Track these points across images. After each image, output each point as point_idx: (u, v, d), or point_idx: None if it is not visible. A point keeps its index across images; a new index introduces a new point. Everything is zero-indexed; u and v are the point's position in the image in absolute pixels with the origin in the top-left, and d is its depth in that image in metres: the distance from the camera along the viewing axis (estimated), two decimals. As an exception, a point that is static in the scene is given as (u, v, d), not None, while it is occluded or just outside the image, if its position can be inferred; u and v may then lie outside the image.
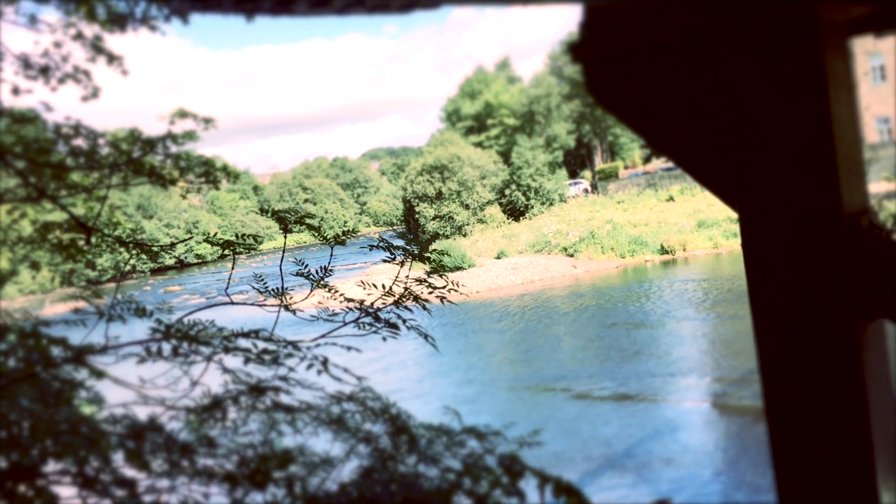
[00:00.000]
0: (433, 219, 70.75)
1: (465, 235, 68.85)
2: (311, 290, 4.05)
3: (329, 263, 4.30)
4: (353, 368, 4.23)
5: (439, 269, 4.24)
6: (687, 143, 3.37)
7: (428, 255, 4.25)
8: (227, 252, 4.06)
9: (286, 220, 4.33)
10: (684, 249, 51.79)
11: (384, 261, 4.28)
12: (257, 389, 3.76)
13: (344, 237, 4.44)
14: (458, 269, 52.72)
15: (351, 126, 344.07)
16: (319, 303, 4.27)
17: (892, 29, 4.05)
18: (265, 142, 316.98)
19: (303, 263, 4.33)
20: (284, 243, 4.60)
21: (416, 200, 71.21)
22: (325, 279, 4.16)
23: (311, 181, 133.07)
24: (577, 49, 3.34)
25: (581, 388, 23.33)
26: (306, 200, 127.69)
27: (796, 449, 2.95)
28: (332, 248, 4.38)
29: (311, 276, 4.15)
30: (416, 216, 71.21)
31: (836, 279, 2.82)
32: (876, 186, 49.16)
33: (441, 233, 69.55)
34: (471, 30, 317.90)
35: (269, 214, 4.50)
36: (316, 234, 4.23)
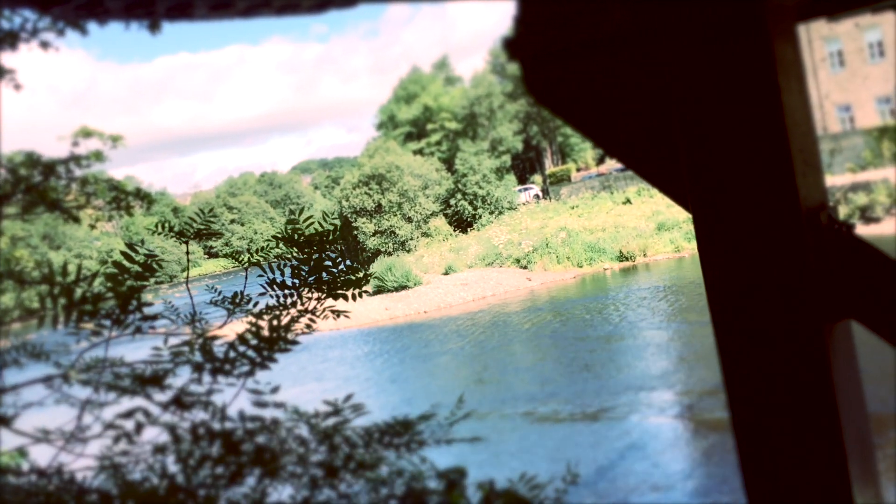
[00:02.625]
0: (373, 234, 70.55)
1: (409, 251, 68.78)
2: (225, 321, 4.00)
3: (245, 288, 4.24)
4: (296, 398, 4.18)
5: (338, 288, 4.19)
6: (634, 143, 3.41)
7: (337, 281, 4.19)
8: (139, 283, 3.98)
9: (185, 237, 4.26)
10: (644, 255, 52.47)
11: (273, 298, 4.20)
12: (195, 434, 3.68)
13: (259, 257, 4.39)
14: (403, 287, 52.66)
15: (279, 138, 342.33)
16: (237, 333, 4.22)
17: (845, 12, 4.16)
18: (185, 159, 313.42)
19: (216, 290, 4.27)
20: (188, 266, 4.53)
21: (354, 215, 70.96)
22: (244, 305, 4.10)
23: (238, 199, 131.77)
24: (512, 45, 3.37)
25: (543, 410, 23.42)
26: (233, 221, 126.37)
27: (766, 459, 2.99)
28: (246, 270, 4.33)
29: (225, 304, 4.09)
30: (355, 232, 70.94)
31: (798, 280, 2.88)
32: (841, 178, 50.46)
33: (383, 249, 69.38)
34: (408, 28, 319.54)
35: (161, 231, 4.40)
36: (223, 253, 4.18)
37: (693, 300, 35.33)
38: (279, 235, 4.22)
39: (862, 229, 45.15)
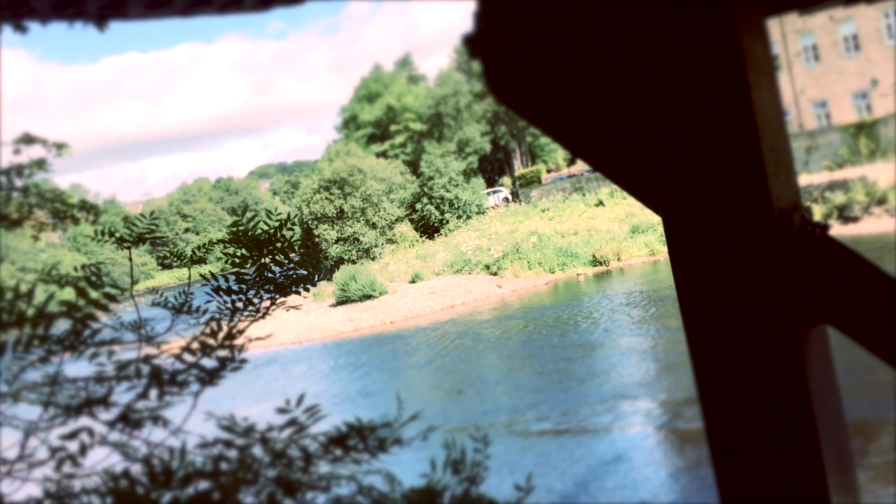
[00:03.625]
0: (336, 242, 70.37)
1: (373, 259, 68.70)
2: (172, 324, 3.96)
3: (189, 288, 4.20)
4: (261, 417, 4.15)
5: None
6: (601, 144, 3.42)
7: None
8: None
9: (127, 242, 4.22)
10: (619, 259, 52.81)
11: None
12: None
13: (202, 254, 4.36)
14: (368, 297, 52.56)
15: (235, 141, 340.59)
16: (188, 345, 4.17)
17: (816, 5, 4.20)
18: (135, 164, 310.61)
19: (161, 294, 4.23)
20: (132, 274, 4.48)
21: (315, 222, 70.74)
22: (195, 314, 4.07)
23: (192, 207, 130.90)
24: (472, 42, 3.36)
25: (521, 422, 23.47)
26: (187, 230, 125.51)
27: (741, 468, 3.01)
28: (189, 269, 4.29)
29: (169, 307, 4.05)
30: (316, 240, 70.70)
31: (771, 284, 2.90)
32: (818, 177, 51.16)
33: (346, 257, 69.22)
34: (369, 24, 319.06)
35: (101, 238, 4.35)
36: (165, 253, 4.14)
37: (670, 305, 35.61)
38: (224, 238, 4.20)
39: (840, 229, 45.76)
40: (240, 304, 4.15)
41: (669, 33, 2.96)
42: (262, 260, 4.19)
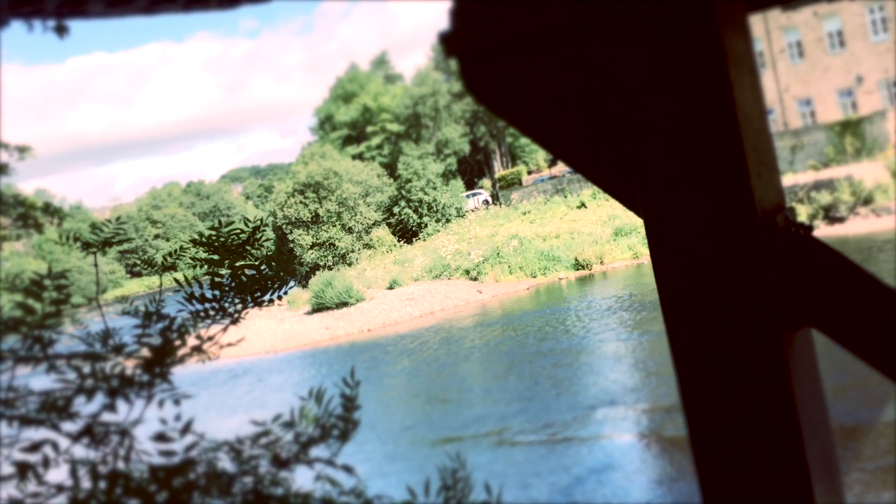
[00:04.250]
0: (311, 247, 70.19)
1: (350, 264, 68.57)
2: (143, 333, 3.93)
3: (160, 295, 4.18)
4: (236, 431, 4.14)
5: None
6: (581, 144, 3.43)
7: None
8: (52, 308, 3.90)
9: (93, 247, 4.19)
10: (602, 262, 52.97)
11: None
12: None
13: (173, 260, 4.34)
14: (344, 304, 52.46)
15: (207, 144, 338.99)
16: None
17: (798, 1, 4.22)
18: (103, 169, 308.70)
19: (131, 302, 4.20)
20: (98, 280, 4.45)
21: (289, 226, 70.53)
22: (162, 315, 4.04)
23: (162, 212, 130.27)
24: (448, 40, 3.37)
25: (501, 433, 23.47)
26: (157, 236, 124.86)
27: (725, 474, 3.03)
28: (160, 276, 4.27)
29: (138, 315, 4.03)
30: (291, 245, 70.50)
31: (755, 287, 2.91)
32: (803, 177, 51.53)
33: (322, 263, 69.06)
34: (344, 22, 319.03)
35: (65, 242, 4.33)
36: (139, 262, 4.12)
37: (655, 309, 35.75)
38: (197, 239, 4.18)
39: (826, 230, 46.11)
40: (212, 312, 4.12)
41: (649, 30, 2.98)
42: (237, 264, 4.17)
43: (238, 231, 4.26)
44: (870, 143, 51.66)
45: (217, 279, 4.23)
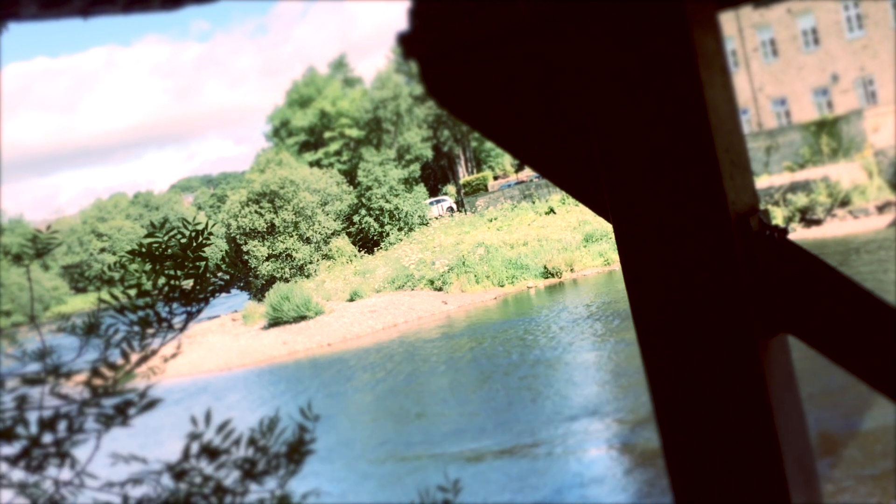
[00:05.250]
0: (267, 259, 69.85)
1: (308, 276, 68.31)
2: (80, 351, 3.90)
3: (99, 311, 4.14)
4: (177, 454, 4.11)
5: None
6: (547, 148, 3.45)
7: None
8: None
9: (25, 259, 4.16)
10: (572, 270, 53.20)
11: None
12: None
13: (115, 272, 4.31)
14: (302, 318, 52.25)
15: (156, 152, 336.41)
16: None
17: (769, -2, 4.27)
18: (45, 179, 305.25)
19: (69, 319, 4.16)
20: (31, 294, 4.41)
21: (244, 238, 70.15)
22: (101, 331, 4.01)
23: (108, 225, 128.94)
24: (407, 41, 3.38)
25: (471, 448, 23.48)
26: (102, 250, 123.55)
27: (700, 486, 3.05)
28: (99, 291, 4.23)
29: (76, 332, 3.99)
30: (245, 257, 70.10)
31: (728, 292, 2.94)
32: (778, 178, 52.14)
33: (278, 275, 68.72)
34: (300, 23, 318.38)
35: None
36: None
37: (628, 318, 35.95)
38: (135, 250, 4.15)
39: (803, 233, 46.65)
40: (154, 325, 4.09)
41: (616, 29, 3.00)
42: (177, 273, 4.14)
43: (178, 235, 4.23)
44: (846, 143, 52.37)
45: (154, 289, 4.19)
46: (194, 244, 4.22)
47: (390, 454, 24.65)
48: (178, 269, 4.13)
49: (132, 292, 4.15)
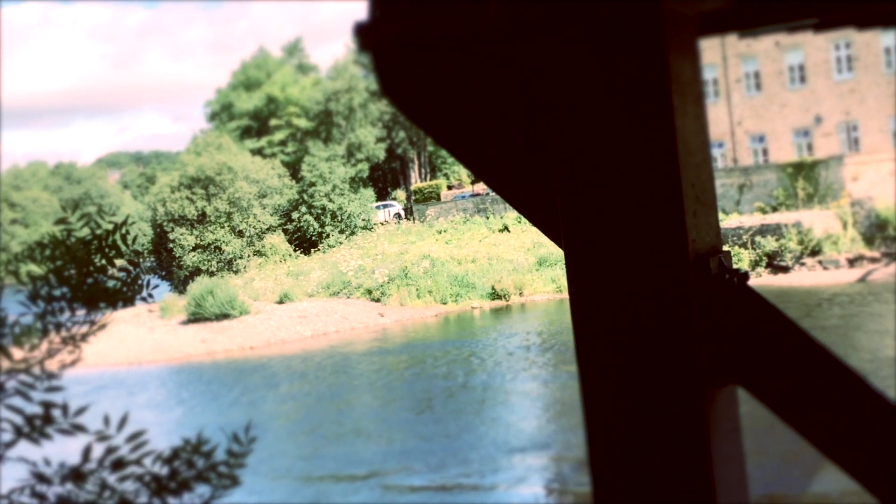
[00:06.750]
0: (193, 249, 69.23)
1: (236, 272, 67.82)
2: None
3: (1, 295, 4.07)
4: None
5: None
6: (504, 163, 3.45)
7: None
8: None
9: None
10: (521, 293, 53.43)
11: None
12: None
13: (22, 259, 4.24)
14: (225, 316, 51.82)
15: (85, 121, 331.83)
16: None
17: (754, 29, 4.34)
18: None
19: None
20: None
21: (171, 224, 69.47)
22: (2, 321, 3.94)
23: (22, 195, 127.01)
24: (364, 32, 3.36)
25: (390, 475, 23.41)
26: (14, 221, 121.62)
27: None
28: (0, 281, 4.17)
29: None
30: (171, 245, 69.42)
31: (680, 336, 2.96)
32: (749, 219, 52.87)
33: (204, 268, 68.14)
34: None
35: None
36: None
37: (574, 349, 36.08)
38: (43, 241, 4.08)
39: (769, 279, 47.31)
40: (62, 315, 4.03)
41: (587, 43, 3.02)
42: (88, 268, 4.08)
43: (93, 224, 4.15)
44: (823, 190, 53.25)
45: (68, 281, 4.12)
46: (110, 239, 4.14)
47: (303, 473, 24.49)
48: (83, 265, 4.06)
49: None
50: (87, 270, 4.09)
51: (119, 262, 4.25)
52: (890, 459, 2.98)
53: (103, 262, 4.11)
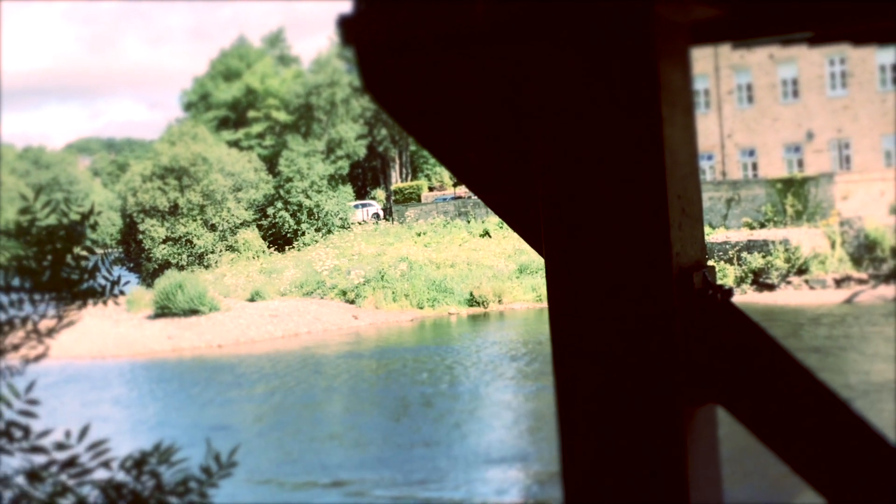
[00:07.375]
0: (164, 241, 68.95)
1: (207, 267, 67.57)
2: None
3: None
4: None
5: None
6: (486, 167, 3.45)
7: None
8: None
9: None
10: (500, 301, 53.44)
11: None
12: None
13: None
14: (194, 312, 51.61)
15: (57, 105, 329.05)
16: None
17: (747, 40, 4.36)
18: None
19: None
20: None
21: (142, 215, 69.18)
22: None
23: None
24: (348, 25, 3.35)
25: (356, 483, 23.37)
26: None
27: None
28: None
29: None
30: (140, 237, 69.11)
31: (660, 352, 2.97)
32: (736, 234, 53.11)
33: (174, 261, 67.87)
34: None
35: None
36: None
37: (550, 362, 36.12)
38: (7, 228, 4.04)
39: (753, 296, 47.51)
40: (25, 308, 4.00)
41: (575, 49, 3.02)
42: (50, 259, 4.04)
43: (59, 213, 4.12)
44: (812, 207, 53.52)
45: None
46: (77, 228, 4.10)
47: (274, 478, 24.41)
48: (45, 256, 4.02)
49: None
50: (51, 260, 4.05)
51: (76, 250, 4.21)
52: (867, 483, 2.99)
53: (67, 252, 4.08)
